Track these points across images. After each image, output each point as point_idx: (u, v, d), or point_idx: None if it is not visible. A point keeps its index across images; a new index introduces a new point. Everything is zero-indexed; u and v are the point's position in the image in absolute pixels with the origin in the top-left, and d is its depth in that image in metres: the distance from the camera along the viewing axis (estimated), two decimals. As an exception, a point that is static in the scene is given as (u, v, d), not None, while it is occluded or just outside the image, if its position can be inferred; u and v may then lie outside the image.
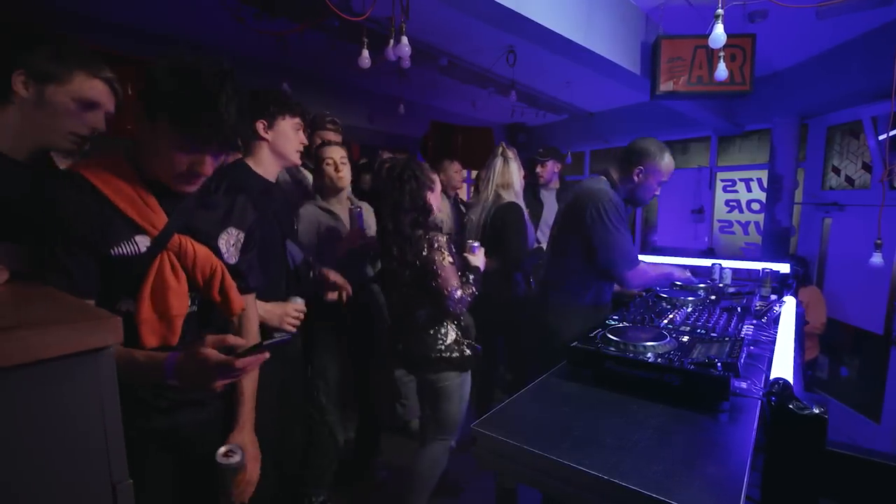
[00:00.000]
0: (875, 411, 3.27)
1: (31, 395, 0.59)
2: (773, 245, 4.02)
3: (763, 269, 2.38)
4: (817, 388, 3.82)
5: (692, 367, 1.23)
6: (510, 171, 2.62)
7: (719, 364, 1.22)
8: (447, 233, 2.11)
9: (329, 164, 2.05)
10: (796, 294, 2.59)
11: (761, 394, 1.23)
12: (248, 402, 1.16)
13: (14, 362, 0.55)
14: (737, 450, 1.04)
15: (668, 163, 1.93)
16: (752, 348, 1.56)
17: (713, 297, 2.14)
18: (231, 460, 1.04)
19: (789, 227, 3.99)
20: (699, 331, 1.60)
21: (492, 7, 2.16)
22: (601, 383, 1.35)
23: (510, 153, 2.65)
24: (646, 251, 3.38)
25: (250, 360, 0.87)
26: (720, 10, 2.05)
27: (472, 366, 1.89)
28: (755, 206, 4.66)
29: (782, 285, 2.49)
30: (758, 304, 2.08)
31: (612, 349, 1.38)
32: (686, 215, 5.04)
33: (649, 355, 1.33)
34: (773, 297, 2.24)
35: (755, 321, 1.81)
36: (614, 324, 1.63)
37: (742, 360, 1.33)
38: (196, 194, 1.02)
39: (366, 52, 2.50)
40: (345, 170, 2.07)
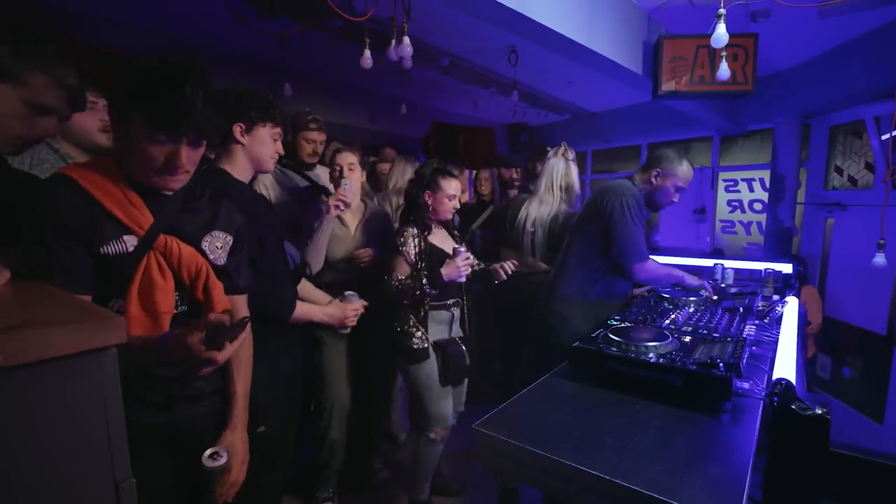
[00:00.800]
0: (878, 412, 3.26)
1: (35, 395, 0.59)
2: (776, 245, 4.00)
3: (765, 269, 2.37)
4: (819, 389, 3.81)
5: (694, 367, 1.24)
6: (572, 172, 2.67)
7: (721, 364, 1.22)
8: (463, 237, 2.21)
9: (335, 171, 2.06)
10: (798, 294, 2.58)
11: (763, 394, 1.23)
12: (241, 402, 1.17)
13: (17, 362, 0.56)
14: (739, 450, 1.04)
15: (685, 169, 2.03)
16: (754, 349, 1.56)
17: (715, 298, 2.14)
18: (216, 463, 1.06)
19: (792, 227, 3.98)
20: (701, 331, 1.60)
21: (494, 7, 2.16)
22: (603, 383, 1.35)
23: (570, 154, 2.68)
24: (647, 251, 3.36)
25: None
26: (722, 10, 2.05)
27: (423, 358, 1.94)
28: (757, 206, 4.64)
29: (785, 285, 2.48)
30: (760, 304, 2.08)
31: (614, 349, 1.38)
32: (688, 215, 5.03)
33: (651, 355, 1.33)
34: (776, 297, 2.24)
35: (757, 321, 1.81)
36: (616, 324, 1.63)
37: (744, 361, 1.33)
38: (180, 196, 1.05)
39: (368, 53, 2.51)
40: (353, 176, 2.05)
